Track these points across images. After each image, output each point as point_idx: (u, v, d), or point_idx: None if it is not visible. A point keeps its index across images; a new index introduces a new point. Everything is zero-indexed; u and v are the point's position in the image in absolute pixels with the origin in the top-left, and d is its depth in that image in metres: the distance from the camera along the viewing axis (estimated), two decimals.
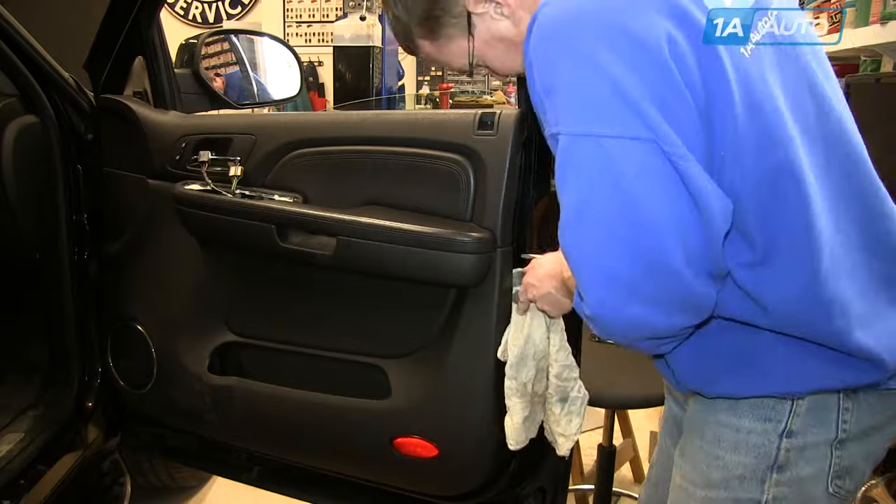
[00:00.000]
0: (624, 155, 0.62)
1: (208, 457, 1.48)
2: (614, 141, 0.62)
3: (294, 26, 6.29)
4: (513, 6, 0.75)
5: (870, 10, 1.83)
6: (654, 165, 0.62)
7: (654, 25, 0.64)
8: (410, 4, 0.78)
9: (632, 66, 0.62)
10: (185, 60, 1.63)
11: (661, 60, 0.63)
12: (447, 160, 1.11)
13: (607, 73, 0.62)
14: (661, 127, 0.62)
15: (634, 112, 0.62)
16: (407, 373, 1.17)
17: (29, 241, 1.43)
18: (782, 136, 0.68)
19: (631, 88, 0.62)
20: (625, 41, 0.63)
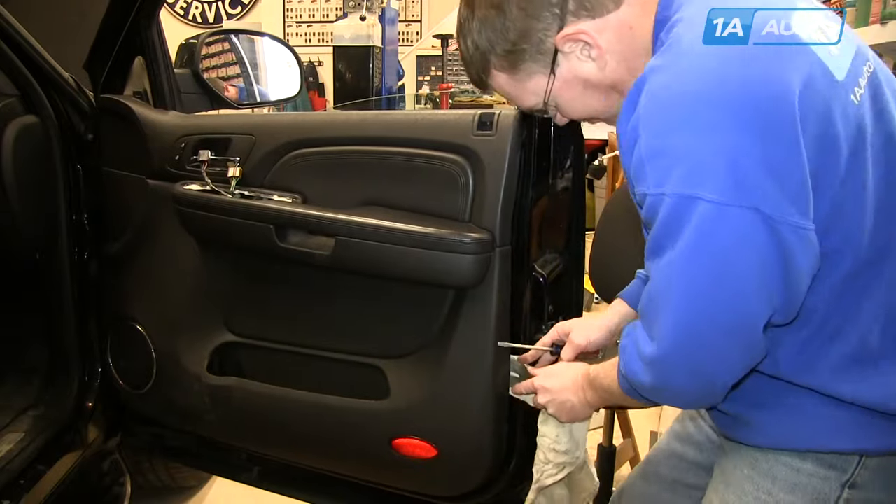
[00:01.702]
0: (728, 221, 0.63)
1: (208, 457, 1.48)
2: (719, 207, 0.62)
3: (294, 26, 6.30)
4: (602, 50, 0.73)
5: (870, 10, 1.83)
6: (757, 236, 0.63)
7: (782, 90, 0.63)
8: (495, 35, 0.75)
9: (754, 137, 0.62)
10: (185, 60, 1.63)
11: (786, 132, 0.63)
12: (446, 160, 1.11)
13: (726, 142, 0.62)
14: (774, 197, 0.62)
15: (746, 181, 0.62)
16: (406, 373, 1.17)
17: (29, 241, 1.43)
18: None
19: (749, 158, 0.62)
20: (750, 112, 0.63)
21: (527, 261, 1.10)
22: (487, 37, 0.76)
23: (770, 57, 0.66)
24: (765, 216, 0.62)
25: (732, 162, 0.62)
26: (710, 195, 0.62)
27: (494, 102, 4.73)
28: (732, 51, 0.66)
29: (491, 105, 4.57)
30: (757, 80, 0.64)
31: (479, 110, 1.12)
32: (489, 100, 4.84)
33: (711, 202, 0.62)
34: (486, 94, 5.07)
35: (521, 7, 0.73)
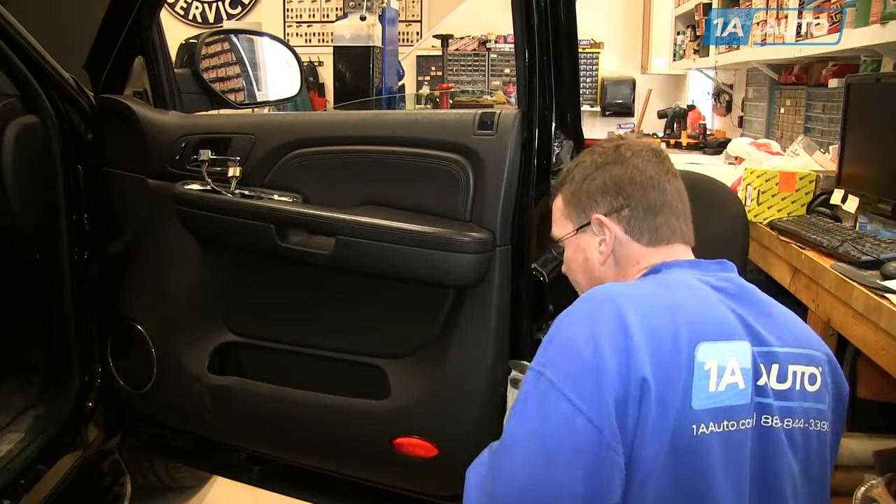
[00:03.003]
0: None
1: (208, 457, 1.48)
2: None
3: (294, 26, 6.30)
4: (607, 250, 0.88)
5: (870, 10, 1.83)
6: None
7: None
8: (580, 176, 0.91)
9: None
10: (185, 60, 1.63)
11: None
12: (447, 160, 1.11)
13: (596, 358, 0.70)
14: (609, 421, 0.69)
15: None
16: (406, 373, 1.17)
17: (29, 242, 1.43)
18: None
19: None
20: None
21: (527, 260, 1.10)
22: (579, 172, 0.92)
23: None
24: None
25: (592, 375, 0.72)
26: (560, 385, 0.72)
27: (494, 102, 4.73)
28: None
29: (491, 105, 4.57)
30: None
31: (480, 110, 1.12)
32: (489, 100, 4.84)
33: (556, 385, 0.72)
34: (486, 95, 5.07)
35: (605, 181, 0.89)
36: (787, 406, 0.76)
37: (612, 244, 0.88)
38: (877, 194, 1.68)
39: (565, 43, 1.09)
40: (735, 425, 0.72)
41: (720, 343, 0.73)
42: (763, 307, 0.81)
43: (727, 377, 0.72)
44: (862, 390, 1.61)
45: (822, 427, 0.79)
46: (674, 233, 0.88)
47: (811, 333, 0.83)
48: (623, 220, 0.87)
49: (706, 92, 4.66)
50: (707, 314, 0.76)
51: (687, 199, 0.91)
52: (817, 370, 0.79)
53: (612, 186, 0.88)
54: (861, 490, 1.24)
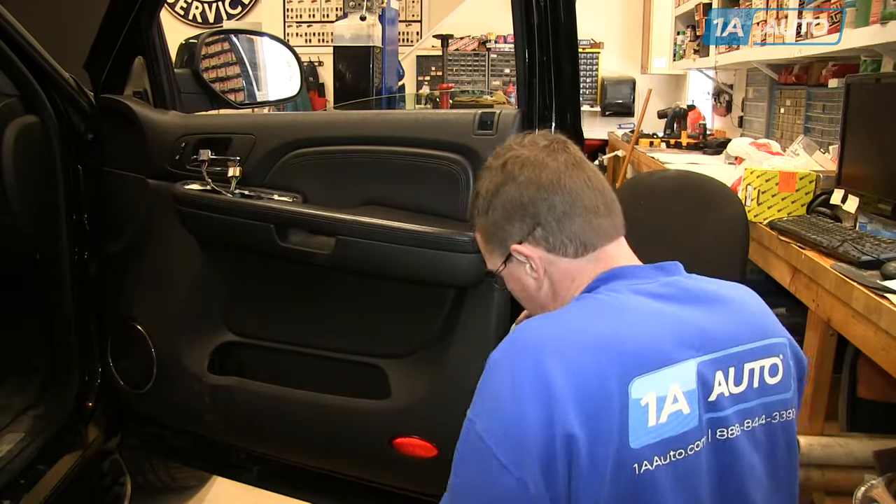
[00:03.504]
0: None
1: (208, 457, 1.48)
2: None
3: (294, 26, 6.30)
4: (540, 274, 0.82)
5: (870, 10, 1.83)
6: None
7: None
8: (483, 207, 0.85)
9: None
10: (185, 60, 1.63)
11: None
12: (447, 160, 1.11)
13: (518, 415, 0.68)
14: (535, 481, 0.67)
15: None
16: (406, 373, 1.17)
17: (29, 242, 1.43)
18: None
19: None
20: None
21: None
22: (481, 204, 0.85)
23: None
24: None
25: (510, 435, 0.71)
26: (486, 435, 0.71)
27: (494, 102, 4.73)
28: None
29: (491, 105, 4.57)
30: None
31: (480, 110, 1.12)
32: (489, 100, 4.84)
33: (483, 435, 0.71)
34: (486, 95, 5.07)
35: (505, 206, 0.82)
36: (746, 408, 0.74)
37: (540, 268, 0.81)
38: (877, 194, 1.68)
39: (565, 43, 1.09)
40: (683, 452, 0.70)
41: (656, 373, 0.69)
42: (713, 299, 0.77)
43: (668, 407, 0.69)
44: (862, 390, 1.61)
45: (787, 416, 0.77)
46: (598, 233, 0.80)
47: (767, 317, 0.80)
48: (541, 239, 0.80)
49: (706, 92, 4.66)
50: (641, 343, 0.71)
51: (601, 183, 0.82)
52: (778, 359, 0.76)
53: (513, 210, 0.81)
54: (861, 490, 1.24)
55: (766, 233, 1.86)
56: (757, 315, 0.79)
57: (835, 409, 1.63)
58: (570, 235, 0.79)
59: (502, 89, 5.72)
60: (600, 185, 0.82)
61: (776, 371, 0.76)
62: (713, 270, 0.93)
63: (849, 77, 1.99)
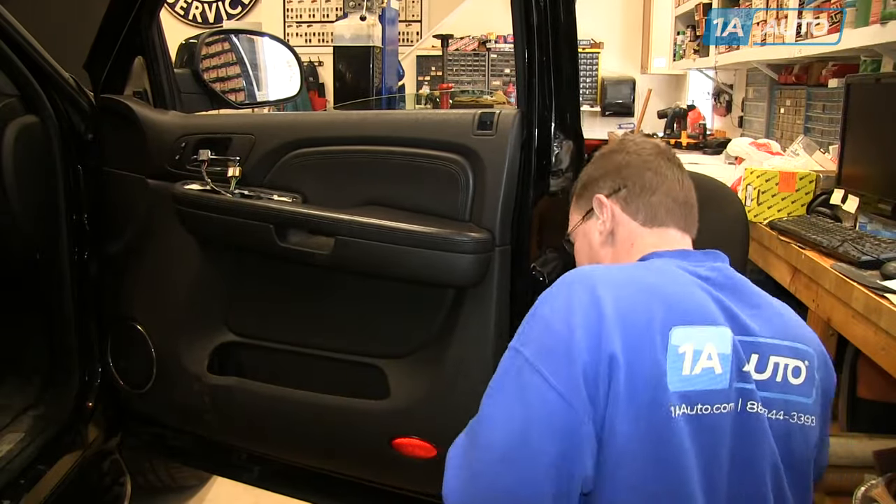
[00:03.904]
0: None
1: (208, 457, 1.48)
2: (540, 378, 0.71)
3: (294, 26, 6.30)
4: (606, 228, 0.90)
5: (870, 10, 1.83)
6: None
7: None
8: (588, 169, 0.96)
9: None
10: (185, 60, 1.63)
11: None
12: (446, 160, 1.11)
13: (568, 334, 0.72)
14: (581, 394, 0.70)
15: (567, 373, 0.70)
16: (406, 373, 1.17)
17: (29, 242, 1.43)
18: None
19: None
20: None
21: (527, 260, 1.10)
22: (587, 168, 0.97)
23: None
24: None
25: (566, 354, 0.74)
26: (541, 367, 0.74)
27: (494, 102, 4.73)
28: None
29: (491, 105, 4.56)
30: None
31: (479, 110, 1.12)
32: (489, 100, 4.84)
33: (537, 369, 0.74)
34: (486, 95, 5.07)
35: (606, 166, 0.93)
36: (767, 396, 0.76)
37: (609, 222, 0.89)
38: (877, 194, 1.68)
39: (565, 43, 1.09)
40: (709, 409, 0.72)
41: (697, 328, 0.73)
42: (752, 299, 0.81)
43: (703, 361, 0.72)
44: (862, 390, 1.61)
45: (806, 421, 0.79)
46: (669, 215, 0.88)
47: (803, 329, 0.83)
48: (620, 199, 0.89)
49: (706, 92, 4.66)
50: (686, 299, 0.76)
51: (694, 194, 0.92)
52: (802, 364, 0.79)
53: (612, 170, 0.91)
54: (861, 490, 1.24)
55: (766, 233, 1.86)
56: (791, 320, 0.83)
57: (835, 409, 1.63)
58: (646, 204, 0.88)
59: (502, 89, 5.72)
60: (689, 188, 0.91)
61: (799, 373, 0.78)
62: None
63: (849, 77, 1.99)
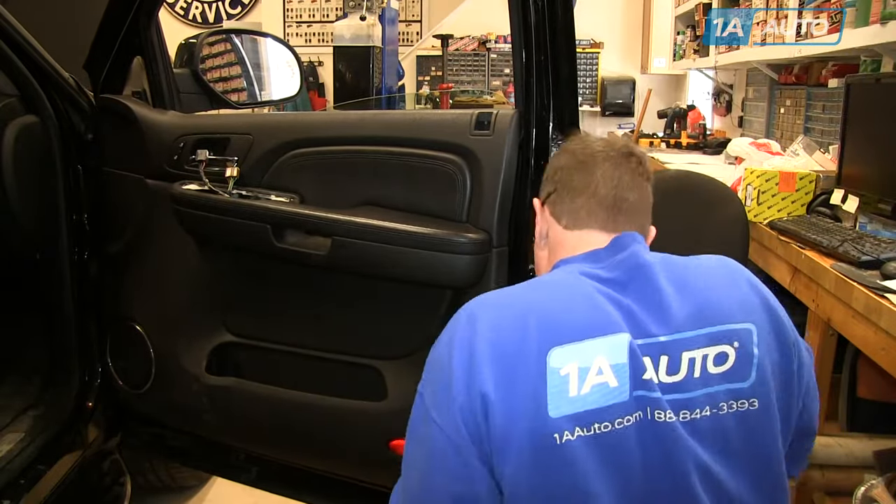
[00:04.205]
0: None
1: (208, 457, 1.48)
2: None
3: (294, 26, 6.30)
4: (542, 231, 0.91)
5: (870, 10, 1.83)
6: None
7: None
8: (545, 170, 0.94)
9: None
10: (184, 60, 1.63)
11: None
12: (444, 160, 1.11)
13: (447, 372, 0.73)
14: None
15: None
16: (403, 374, 1.17)
17: (29, 242, 1.43)
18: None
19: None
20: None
21: (524, 261, 1.10)
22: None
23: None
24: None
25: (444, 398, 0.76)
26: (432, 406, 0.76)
27: (494, 102, 4.73)
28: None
29: (491, 105, 4.56)
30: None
31: (477, 110, 1.12)
32: (489, 100, 4.84)
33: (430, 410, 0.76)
34: (486, 95, 5.07)
35: (548, 169, 0.92)
36: (683, 398, 0.72)
37: (543, 226, 0.91)
38: (877, 194, 1.68)
39: (563, 42, 1.09)
40: (609, 426, 0.69)
41: (580, 344, 0.70)
42: (663, 288, 0.76)
43: (592, 378, 0.70)
44: (862, 390, 1.61)
45: (741, 406, 0.73)
46: (590, 217, 0.85)
47: (733, 301, 0.77)
48: (551, 203, 0.89)
49: (706, 92, 4.65)
50: (569, 314, 0.73)
51: (632, 189, 0.86)
52: (729, 346, 0.73)
53: (550, 173, 0.91)
54: (861, 490, 1.24)
55: (766, 233, 1.86)
56: (714, 300, 0.77)
57: (835, 409, 1.63)
58: (570, 209, 0.87)
59: (502, 89, 5.71)
60: (630, 189, 0.86)
61: (725, 359, 0.74)
62: None
63: (849, 77, 1.99)
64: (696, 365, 0.73)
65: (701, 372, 0.73)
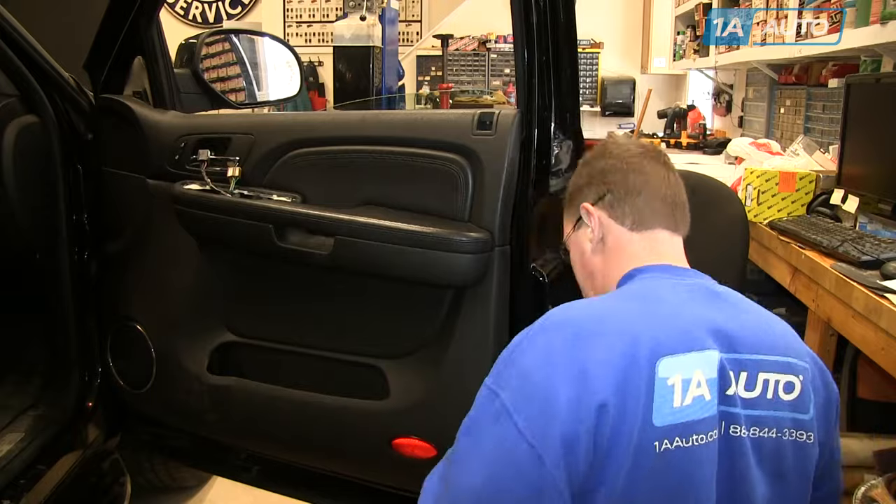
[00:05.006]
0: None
1: (208, 457, 1.48)
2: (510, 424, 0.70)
3: (294, 26, 6.29)
4: (596, 236, 0.89)
5: (870, 10, 1.83)
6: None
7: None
8: (575, 178, 0.95)
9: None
10: (185, 60, 1.63)
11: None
12: (446, 160, 1.11)
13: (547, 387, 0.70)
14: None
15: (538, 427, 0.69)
16: (405, 373, 1.17)
17: (29, 242, 1.43)
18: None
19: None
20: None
21: (526, 260, 1.10)
22: (573, 175, 0.96)
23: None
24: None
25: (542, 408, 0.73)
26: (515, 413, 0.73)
27: (494, 102, 4.73)
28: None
29: (491, 105, 4.56)
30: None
31: (479, 110, 1.12)
32: (489, 100, 4.84)
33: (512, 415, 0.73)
34: (486, 95, 5.07)
35: (591, 173, 0.92)
36: (755, 415, 0.74)
37: (598, 230, 0.89)
38: (877, 194, 1.68)
39: (565, 43, 1.09)
40: (703, 438, 0.71)
41: (683, 356, 0.72)
42: (739, 311, 0.80)
43: (692, 390, 0.71)
44: (862, 390, 1.61)
45: (800, 437, 0.76)
46: (655, 216, 0.87)
47: (792, 341, 0.81)
48: (606, 205, 0.88)
49: (706, 92, 4.66)
50: (670, 324, 0.74)
51: (683, 192, 0.90)
52: (796, 378, 0.76)
53: (596, 177, 0.90)
54: (861, 490, 1.24)
55: (766, 233, 1.86)
56: (780, 332, 0.81)
57: None
58: (633, 208, 0.87)
59: (502, 89, 5.71)
60: (677, 185, 0.90)
61: (792, 389, 0.76)
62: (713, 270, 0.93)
63: (849, 77, 1.99)
64: (769, 387, 0.76)
65: (774, 395, 0.76)
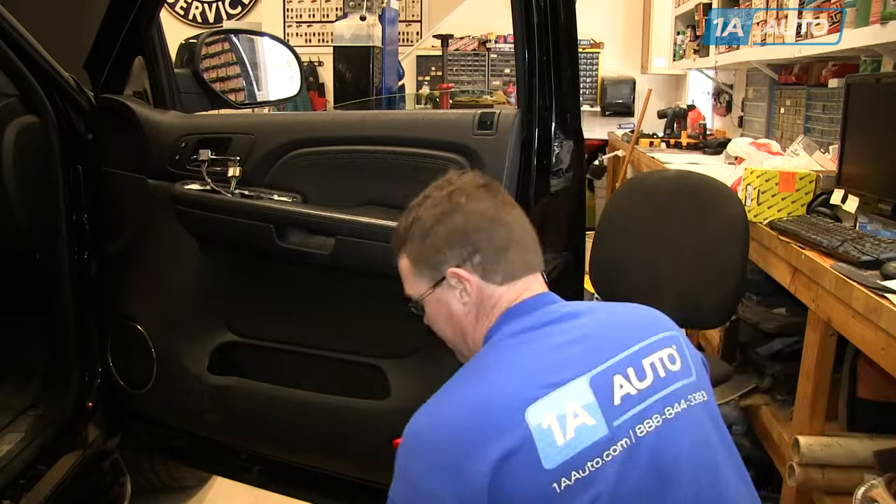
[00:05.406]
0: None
1: (208, 457, 1.48)
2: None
3: (294, 26, 6.29)
4: (470, 297, 0.87)
5: (870, 10, 1.83)
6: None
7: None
8: (420, 234, 0.89)
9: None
10: (185, 60, 1.63)
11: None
12: (446, 160, 1.11)
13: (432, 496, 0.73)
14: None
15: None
16: (406, 373, 1.17)
17: (29, 242, 1.43)
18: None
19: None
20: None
21: None
22: (419, 230, 0.89)
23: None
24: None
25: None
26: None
27: (494, 102, 4.73)
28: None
29: (491, 105, 4.56)
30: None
31: (480, 110, 1.12)
32: (489, 100, 4.84)
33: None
34: (486, 95, 5.07)
35: (449, 233, 0.87)
36: (662, 397, 0.77)
37: (474, 293, 0.87)
38: (877, 194, 1.68)
39: (565, 43, 1.09)
40: (600, 461, 0.72)
41: (547, 397, 0.74)
42: (596, 320, 0.83)
43: (571, 422, 0.73)
44: (862, 390, 1.61)
45: (699, 398, 0.80)
46: (525, 266, 0.88)
47: (657, 316, 0.86)
48: (477, 267, 0.86)
49: (706, 92, 4.66)
50: (530, 371, 0.77)
51: (528, 224, 0.90)
52: (672, 349, 0.81)
53: (457, 237, 0.87)
54: (861, 490, 1.24)
55: (766, 233, 1.86)
56: (644, 314, 0.86)
57: (835, 409, 1.63)
58: (504, 265, 0.86)
59: (502, 89, 5.71)
60: (527, 225, 0.90)
61: (674, 360, 0.81)
62: (713, 270, 0.94)
63: (849, 77, 1.99)
64: (657, 367, 0.79)
65: (665, 371, 0.80)
